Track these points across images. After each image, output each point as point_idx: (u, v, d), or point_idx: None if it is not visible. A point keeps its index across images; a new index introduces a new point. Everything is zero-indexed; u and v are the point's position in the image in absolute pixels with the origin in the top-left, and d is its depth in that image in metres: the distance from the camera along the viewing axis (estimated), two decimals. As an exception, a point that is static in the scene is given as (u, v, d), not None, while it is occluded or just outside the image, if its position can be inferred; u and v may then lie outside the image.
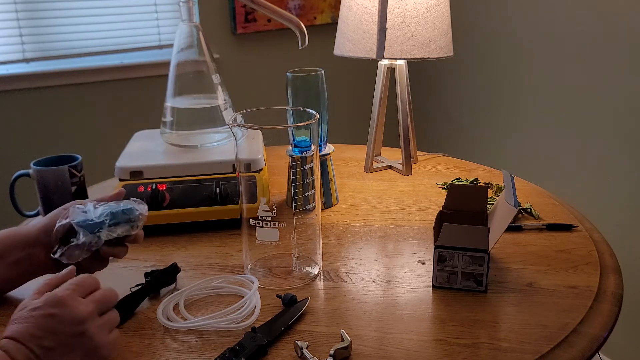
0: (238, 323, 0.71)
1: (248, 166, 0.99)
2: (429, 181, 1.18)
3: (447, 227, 0.82)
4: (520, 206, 1.02)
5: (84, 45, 2.12)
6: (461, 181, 1.16)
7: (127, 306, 0.75)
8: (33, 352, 0.56)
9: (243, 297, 0.76)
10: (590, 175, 1.81)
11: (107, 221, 0.73)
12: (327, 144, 1.07)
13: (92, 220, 0.72)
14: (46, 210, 0.99)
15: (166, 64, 1.15)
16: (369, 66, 2.49)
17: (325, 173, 1.06)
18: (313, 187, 0.80)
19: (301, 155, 0.88)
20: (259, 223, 0.78)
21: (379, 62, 1.22)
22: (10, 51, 2.01)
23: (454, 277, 0.78)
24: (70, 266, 0.67)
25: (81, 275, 0.64)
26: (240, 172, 0.81)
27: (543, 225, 0.96)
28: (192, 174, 1.01)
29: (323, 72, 1.00)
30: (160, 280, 0.79)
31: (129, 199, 0.77)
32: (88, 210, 0.73)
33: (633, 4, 1.60)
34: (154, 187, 0.97)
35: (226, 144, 1.10)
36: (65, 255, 0.71)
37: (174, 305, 0.75)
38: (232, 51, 2.32)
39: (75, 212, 0.72)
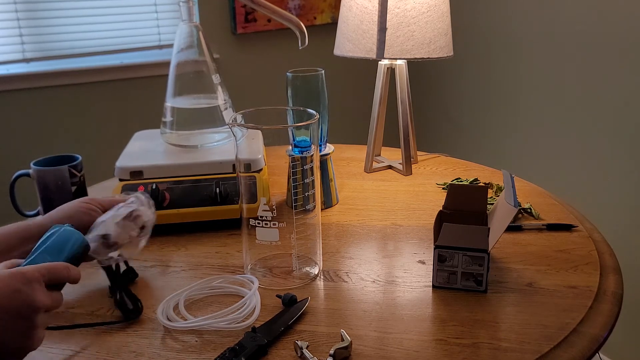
0: (238, 323, 0.71)
1: (248, 166, 0.99)
2: (429, 181, 1.18)
3: (447, 227, 0.82)
4: (520, 206, 1.02)
5: (84, 45, 2.12)
6: (461, 181, 1.16)
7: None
8: None
9: (243, 297, 0.76)
10: (590, 175, 1.81)
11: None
12: (327, 144, 1.07)
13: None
14: (46, 210, 0.99)
15: (166, 64, 1.15)
16: (369, 66, 2.49)
17: (325, 173, 1.06)
18: (313, 187, 0.80)
19: (301, 155, 0.88)
20: (259, 223, 0.78)
21: (379, 62, 1.22)
22: (10, 51, 2.01)
23: (454, 277, 0.78)
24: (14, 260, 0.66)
25: (58, 265, 0.63)
26: (240, 172, 0.81)
27: (543, 225, 0.96)
28: (192, 174, 1.01)
29: (323, 72, 1.00)
30: (119, 277, 0.78)
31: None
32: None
33: (633, 4, 1.60)
34: (154, 187, 0.97)
35: (226, 144, 1.10)
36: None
37: (174, 305, 0.75)
38: (232, 51, 2.32)
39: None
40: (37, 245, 0.67)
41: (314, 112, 0.79)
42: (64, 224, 0.70)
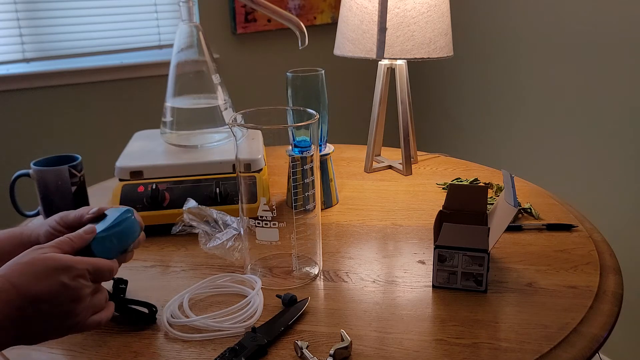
0: (239, 323, 0.71)
1: (248, 166, 0.99)
2: (429, 181, 1.18)
3: (447, 227, 0.82)
4: (520, 206, 1.02)
5: (84, 45, 2.12)
6: (461, 181, 1.16)
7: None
8: (24, 311, 0.56)
9: (245, 296, 0.76)
10: (590, 175, 1.81)
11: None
12: (327, 144, 1.07)
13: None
14: (46, 210, 0.99)
15: (166, 64, 1.15)
16: (369, 66, 2.49)
17: (325, 173, 1.06)
18: (313, 187, 0.80)
19: (301, 155, 0.88)
20: (259, 223, 0.78)
21: (379, 62, 1.22)
22: (10, 51, 2.01)
23: (454, 277, 0.78)
24: (91, 226, 0.67)
25: (106, 264, 0.63)
26: (240, 172, 0.81)
27: (543, 225, 0.96)
28: (192, 174, 1.01)
29: (323, 72, 1.00)
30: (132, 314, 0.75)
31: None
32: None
33: (633, 4, 1.60)
34: (154, 187, 0.97)
35: (226, 144, 1.10)
36: None
37: (178, 304, 0.75)
38: (232, 51, 2.32)
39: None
40: (110, 221, 0.68)
41: (314, 112, 0.79)
42: (130, 209, 0.71)
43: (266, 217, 0.78)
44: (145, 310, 0.74)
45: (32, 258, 0.59)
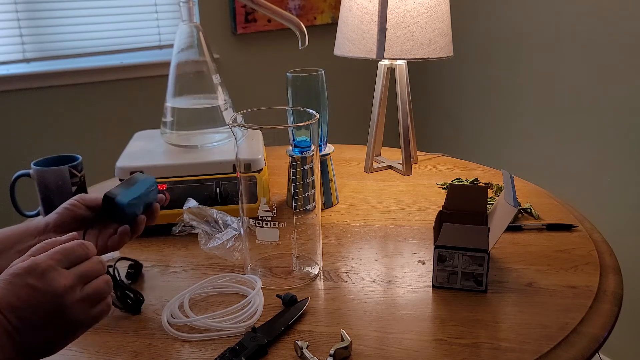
0: (240, 323, 0.71)
1: (248, 166, 0.99)
2: (429, 181, 1.19)
3: (447, 227, 0.82)
4: (520, 206, 1.02)
5: (84, 45, 2.12)
6: (461, 181, 1.16)
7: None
8: (9, 321, 0.54)
9: (245, 296, 0.76)
10: (590, 175, 1.81)
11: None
12: (327, 144, 1.07)
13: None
14: (46, 211, 0.99)
15: (166, 64, 1.15)
16: (369, 66, 2.49)
17: (325, 173, 1.06)
18: (313, 187, 0.80)
19: (301, 155, 0.88)
20: (259, 223, 0.78)
21: (379, 62, 1.22)
22: (10, 51, 2.01)
23: (454, 277, 0.78)
24: (73, 233, 0.64)
25: (71, 243, 0.60)
26: (240, 172, 0.81)
27: (543, 225, 0.96)
28: (192, 174, 1.01)
29: (323, 72, 1.00)
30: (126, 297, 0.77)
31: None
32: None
33: (633, 4, 1.60)
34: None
35: (226, 144, 1.10)
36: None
37: (179, 304, 0.75)
38: (232, 51, 2.32)
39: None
40: (135, 184, 0.75)
41: (314, 112, 0.79)
42: (150, 176, 0.79)
43: (266, 217, 0.78)
44: (132, 295, 0.76)
45: (5, 272, 0.57)
